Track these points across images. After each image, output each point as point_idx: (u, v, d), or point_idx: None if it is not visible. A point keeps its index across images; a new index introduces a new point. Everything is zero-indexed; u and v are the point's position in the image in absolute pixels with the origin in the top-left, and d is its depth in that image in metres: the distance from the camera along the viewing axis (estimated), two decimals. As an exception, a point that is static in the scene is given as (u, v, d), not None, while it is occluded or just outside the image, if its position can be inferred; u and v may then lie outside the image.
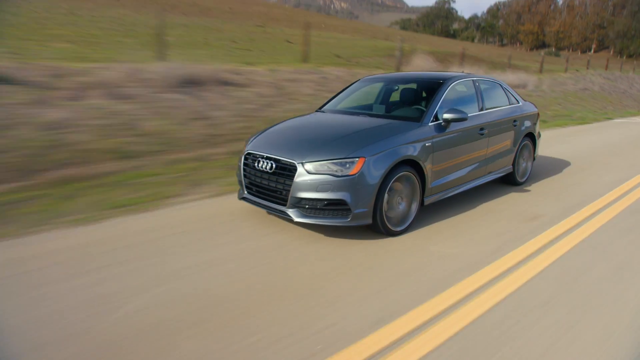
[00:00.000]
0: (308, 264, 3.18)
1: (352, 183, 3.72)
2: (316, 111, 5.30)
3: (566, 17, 62.32)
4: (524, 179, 5.90)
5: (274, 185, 4.00)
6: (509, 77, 14.77)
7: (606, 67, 26.81)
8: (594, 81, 20.84)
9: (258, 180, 4.15)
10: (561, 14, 64.11)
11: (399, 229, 4.03)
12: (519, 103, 6.20)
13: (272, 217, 4.18)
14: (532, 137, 6.23)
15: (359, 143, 4.00)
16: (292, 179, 3.82)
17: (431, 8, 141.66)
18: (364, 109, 5.46)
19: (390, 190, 3.96)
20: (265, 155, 4.11)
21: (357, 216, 3.72)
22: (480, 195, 5.19)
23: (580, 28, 51.50)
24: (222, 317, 2.32)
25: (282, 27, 32.61)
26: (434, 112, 4.58)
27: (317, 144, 4.07)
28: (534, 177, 6.17)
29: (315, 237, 3.77)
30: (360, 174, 3.75)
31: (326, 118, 5.02)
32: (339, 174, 3.75)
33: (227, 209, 4.19)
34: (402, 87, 5.60)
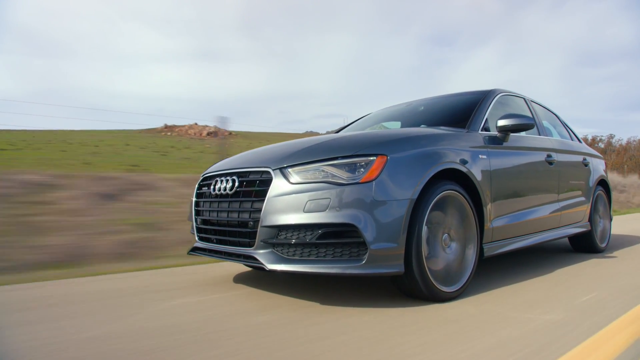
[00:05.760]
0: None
1: (368, 197, 2.21)
2: None
3: (615, 158, 63.67)
4: (604, 244, 4.78)
5: (235, 215, 2.52)
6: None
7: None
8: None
9: (214, 214, 2.71)
10: (611, 156, 65.94)
11: (450, 289, 2.56)
12: (581, 143, 5.14)
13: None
14: (606, 187, 5.13)
15: (377, 139, 2.62)
16: (264, 198, 2.35)
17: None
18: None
19: (430, 222, 2.49)
20: (226, 170, 2.74)
21: (378, 257, 2.20)
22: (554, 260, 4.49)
23: (631, 167, 52.74)
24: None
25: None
26: (483, 119, 3.36)
27: (310, 146, 2.65)
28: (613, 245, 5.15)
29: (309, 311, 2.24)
30: (381, 182, 2.25)
31: (330, 135, 3.42)
32: (344, 181, 2.25)
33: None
34: (430, 106, 4.20)
